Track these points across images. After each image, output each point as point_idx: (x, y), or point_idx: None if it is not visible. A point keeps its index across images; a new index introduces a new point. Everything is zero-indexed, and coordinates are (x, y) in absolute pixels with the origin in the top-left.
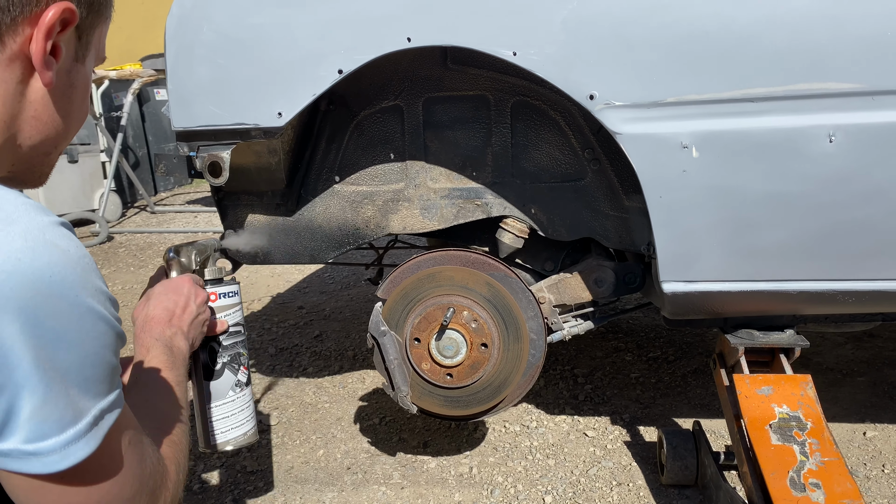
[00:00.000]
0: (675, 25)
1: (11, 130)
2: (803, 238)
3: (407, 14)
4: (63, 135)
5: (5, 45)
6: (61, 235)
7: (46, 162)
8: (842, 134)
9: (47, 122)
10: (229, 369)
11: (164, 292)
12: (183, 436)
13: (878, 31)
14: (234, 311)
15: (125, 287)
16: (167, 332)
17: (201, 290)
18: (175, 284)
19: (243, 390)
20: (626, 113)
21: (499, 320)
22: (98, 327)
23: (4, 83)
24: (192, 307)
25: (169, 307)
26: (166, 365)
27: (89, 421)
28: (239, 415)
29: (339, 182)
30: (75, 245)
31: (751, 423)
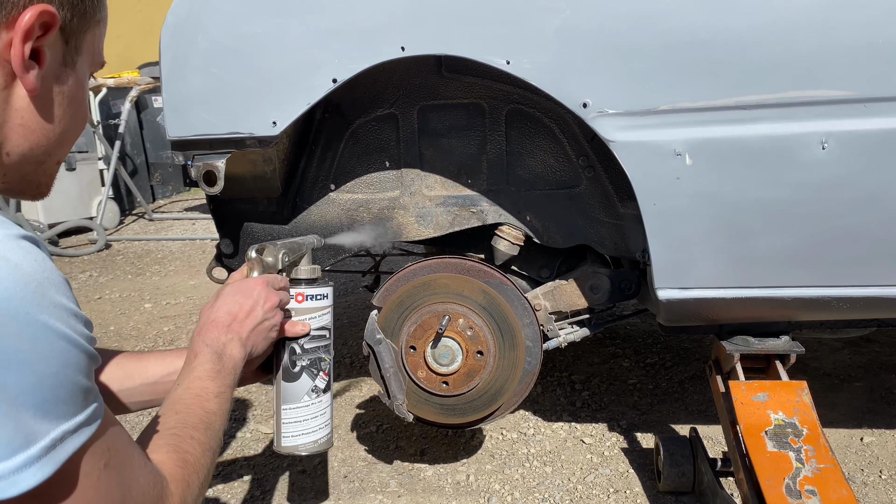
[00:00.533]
0: (667, 34)
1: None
2: (797, 245)
3: (401, 23)
4: (56, 143)
5: None
6: (14, 249)
7: (42, 171)
8: (834, 141)
9: (35, 130)
10: (307, 373)
11: (232, 293)
12: (203, 454)
13: (869, 39)
14: (322, 314)
15: (123, 295)
16: (222, 339)
17: (273, 294)
18: (246, 286)
19: (320, 396)
20: (619, 121)
21: (494, 328)
22: (56, 346)
23: None
24: (259, 312)
25: (233, 310)
26: (210, 374)
27: (45, 445)
28: (312, 421)
29: (334, 190)
30: (32, 259)
31: (746, 430)
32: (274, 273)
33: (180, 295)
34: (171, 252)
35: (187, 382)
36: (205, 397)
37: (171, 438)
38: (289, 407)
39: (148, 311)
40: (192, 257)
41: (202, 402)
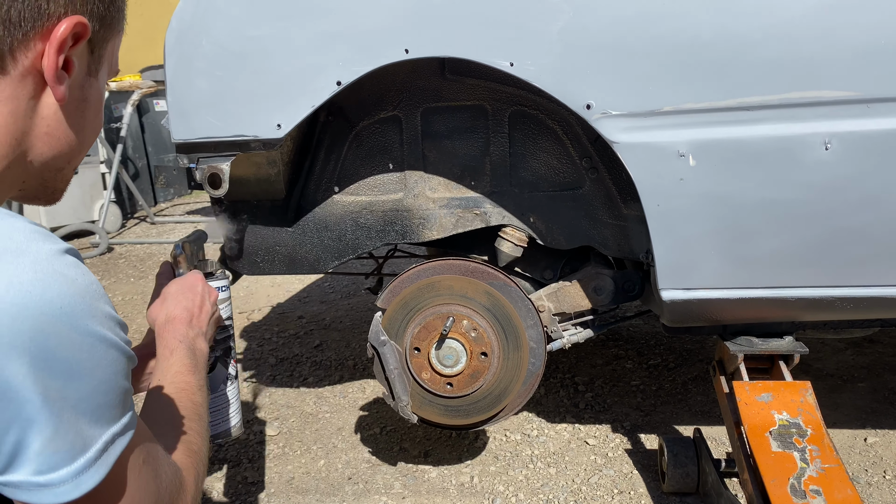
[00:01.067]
0: (670, 35)
1: (23, 147)
2: (800, 245)
3: (404, 26)
4: (77, 150)
5: (17, 62)
6: (69, 264)
7: (60, 178)
8: (837, 141)
9: (60, 138)
10: (221, 363)
11: (180, 291)
12: (203, 443)
13: (872, 40)
14: (226, 305)
15: (125, 298)
16: (189, 334)
17: (213, 289)
18: (189, 283)
19: (233, 383)
20: (622, 122)
21: (498, 329)
22: (109, 355)
23: (16, 99)
24: (208, 306)
25: (188, 307)
26: (189, 368)
27: (99, 448)
28: (228, 408)
29: (338, 192)
30: (83, 273)
31: (751, 431)
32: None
33: None
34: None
35: (170, 378)
36: (190, 391)
37: (172, 430)
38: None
39: None
40: None
41: (190, 395)
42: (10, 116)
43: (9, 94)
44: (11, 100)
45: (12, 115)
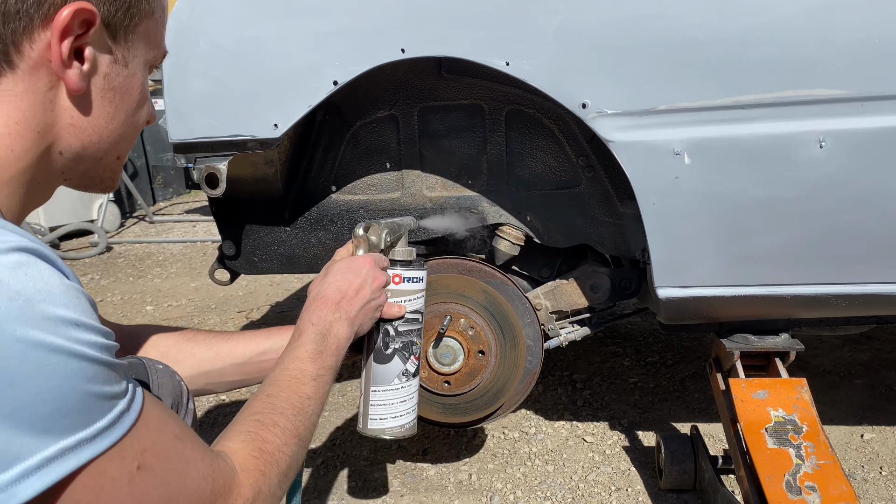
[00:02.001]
0: (665, 35)
1: (48, 139)
2: (796, 243)
3: (400, 26)
4: (113, 140)
5: (23, 54)
6: (7, 266)
7: (102, 167)
8: (832, 139)
9: (86, 129)
10: (399, 356)
11: (341, 270)
12: (286, 442)
13: (865, 38)
14: (416, 297)
15: (124, 297)
16: (329, 317)
17: (381, 274)
18: (355, 264)
19: (410, 381)
20: (618, 121)
21: (495, 327)
22: (51, 361)
23: (32, 93)
24: (366, 291)
25: (342, 287)
26: (310, 355)
27: (49, 455)
28: (400, 405)
29: (335, 191)
30: (23, 273)
31: (747, 427)
32: (377, 252)
33: (182, 297)
34: (172, 254)
35: (286, 363)
36: (301, 380)
37: (253, 425)
38: (378, 389)
39: (150, 313)
40: (193, 259)
41: (297, 386)
42: (29, 110)
43: (23, 88)
44: (28, 93)
45: (31, 109)
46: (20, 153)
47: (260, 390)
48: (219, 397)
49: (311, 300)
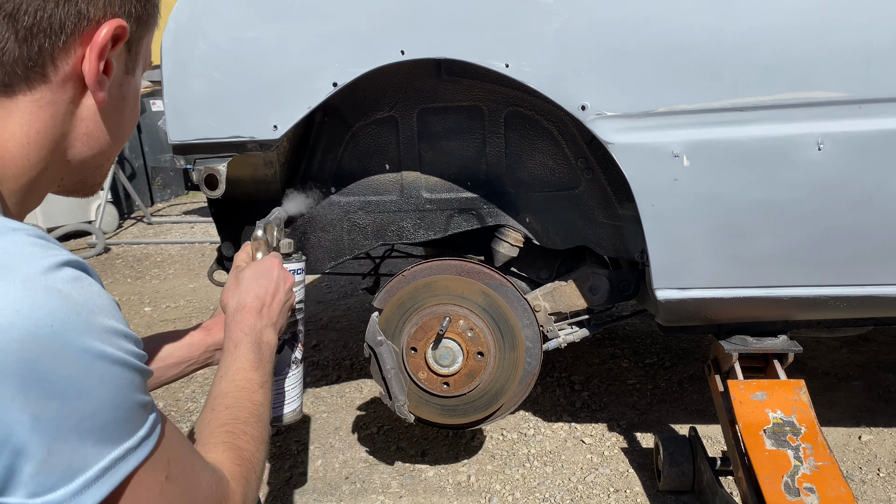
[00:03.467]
0: (664, 37)
1: (61, 148)
2: (794, 245)
3: (400, 27)
4: (115, 146)
5: (57, 68)
6: (65, 279)
7: (98, 173)
8: (830, 142)
9: (98, 138)
10: (289, 346)
11: (254, 277)
12: (258, 448)
13: (863, 41)
14: (300, 288)
15: (122, 298)
16: (258, 325)
17: (289, 275)
18: (265, 268)
19: (298, 367)
20: (617, 123)
21: (494, 329)
22: (111, 371)
23: (55, 104)
24: (281, 294)
25: (260, 294)
26: (252, 364)
27: (104, 465)
28: (292, 391)
29: (334, 193)
30: (81, 286)
31: (745, 429)
32: (275, 251)
33: (180, 298)
34: (170, 255)
35: (231, 374)
36: (251, 389)
37: (226, 436)
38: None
39: (148, 314)
40: (191, 260)
41: (249, 395)
42: (50, 121)
43: (49, 100)
44: (52, 104)
45: (52, 119)
46: (35, 162)
47: (213, 402)
48: None
49: (234, 311)
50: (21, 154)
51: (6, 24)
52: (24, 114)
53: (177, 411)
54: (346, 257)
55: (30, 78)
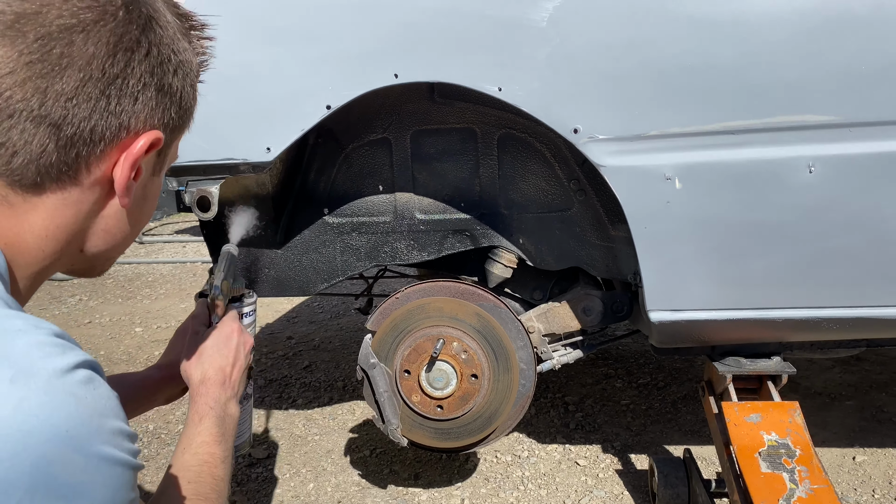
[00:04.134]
0: (656, 61)
1: (78, 241)
2: (787, 267)
3: (394, 51)
4: (129, 239)
5: (91, 173)
6: (79, 381)
7: (109, 263)
8: (821, 165)
9: (116, 234)
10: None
11: (215, 347)
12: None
13: (852, 65)
14: (253, 327)
15: (113, 319)
16: (221, 398)
17: (248, 336)
18: (225, 335)
19: (249, 401)
20: (609, 146)
21: (488, 351)
22: (114, 472)
23: (81, 203)
24: (241, 360)
25: (223, 366)
26: (216, 438)
27: None
28: (242, 424)
29: (327, 214)
30: (94, 388)
31: (740, 451)
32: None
33: (171, 318)
34: (161, 275)
35: (194, 448)
36: (213, 464)
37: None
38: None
39: (139, 335)
40: (182, 280)
41: (211, 469)
42: (72, 217)
43: (76, 199)
44: (77, 203)
45: (74, 216)
46: (49, 253)
47: (177, 475)
48: None
49: (196, 384)
50: (37, 245)
51: (48, 132)
52: (48, 209)
53: (167, 434)
54: (340, 278)
55: (61, 179)
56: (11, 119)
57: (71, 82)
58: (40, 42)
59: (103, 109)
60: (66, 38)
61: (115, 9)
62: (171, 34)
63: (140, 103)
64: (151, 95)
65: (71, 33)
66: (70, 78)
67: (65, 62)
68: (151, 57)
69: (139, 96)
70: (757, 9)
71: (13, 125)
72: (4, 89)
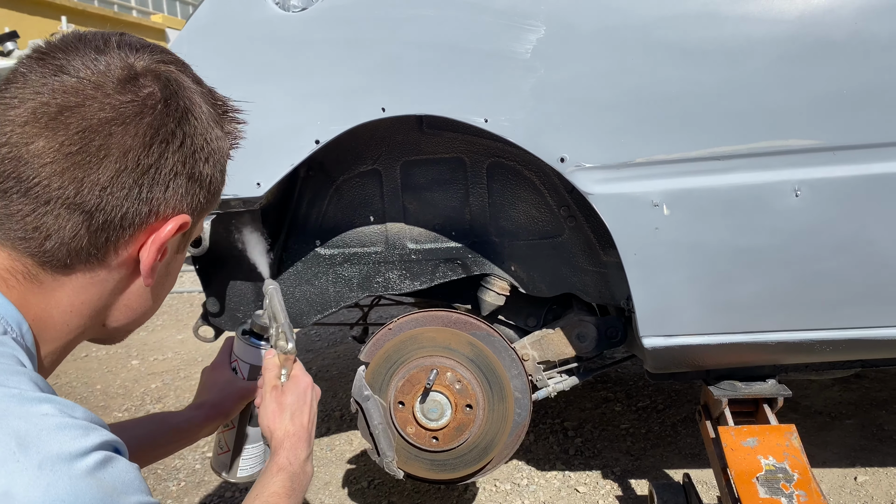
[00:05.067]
0: (640, 89)
1: (101, 316)
2: (778, 290)
3: (380, 86)
4: (150, 314)
5: (118, 254)
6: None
7: (128, 334)
8: (807, 188)
9: (137, 309)
10: None
11: (297, 403)
12: None
13: (834, 89)
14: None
15: (109, 352)
16: (301, 456)
17: (318, 391)
18: (301, 391)
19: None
20: (596, 174)
21: (483, 380)
22: None
23: (107, 281)
24: (314, 412)
25: (304, 423)
26: (286, 492)
27: None
28: (262, 456)
29: (319, 246)
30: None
31: (738, 477)
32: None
33: (168, 350)
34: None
35: (265, 497)
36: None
37: None
38: (250, 446)
39: (135, 367)
40: (179, 311)
41: None
42: (97, 294)
43: (102, 278)
44: (104, 282)
45: (99, 294)
46: (74, 328)
47: None
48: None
49: (280, 439)
50: (63, 321)
51: (82, 218)
52: (75, 287)
53: (163, 469)
54: (333, 310)
55: (90, 261)
56: (47, 206)
57: (107, 173)
58: (81, 134)
59: (135, 198)
60: (105, 131)
61: (155, 102)
62: (205, 124)
63: (171, 191)
64: (182, 183)
65: (111, 125)
66: (106, 169)
67: (102, 154)
68: (185, 147)
69: (170, 184)
70: (737, 37)
71: (48, 211)
72: (43, 178)
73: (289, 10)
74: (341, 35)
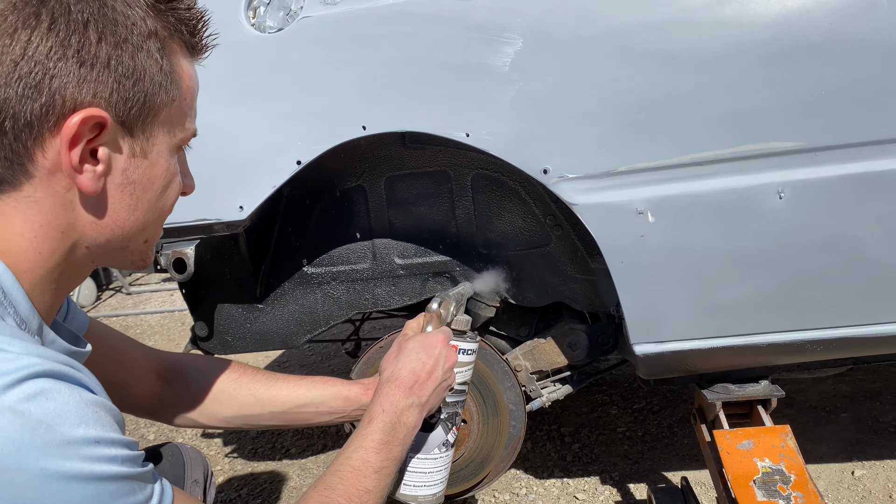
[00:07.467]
0: (620, 97)
1: (73, 237)
2: (765, 292)
3: (360, 104)
4: (138, 228)
5: (37, 163)
6: (24, 396)
7: (130, 252)
8: (790, 190)
9: (108, 224)
10: (443, 426)
11: (416, 350)
12: None
13: (812, 91)
14: (467, 369)
15: None
16: (401, 404)
17: (452, 354)
18: (429, 343)
19: (448, 451)
20: (580, 184)
21: (475, 394)
22: (69, 489)
23: (52, 196)
24: (439, 373)
25: (416, 369)
26: (376, 446)
27: None
28: (436, 474)
29: (306, 265)
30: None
31: (735, 481)
32: (446, 327)
33: None
34: (150, 326)
35: (350, 451)
36: (363, 472)
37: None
38: (418, 457)
39: None
40: (171, 330)
41: (358, 479)
42: (51, 212)
43: (43, 193)
44: (48, 197)
45: (52, 211)
46: (48, 254)
47: (322, 479)
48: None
49: (384, 381)
50: (31, 247)
51: None
52: (23, 210)
53: None
54: (322, 329)
55: (17, 175)
56: None
57: None
58: None
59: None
60: None
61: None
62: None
63: (58, 80)
64: (72, 69)
65: None
66: None
67: None
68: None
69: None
70: (714, 41)
71: None
72: None
73: (265, 31)
74: (318, 55)
